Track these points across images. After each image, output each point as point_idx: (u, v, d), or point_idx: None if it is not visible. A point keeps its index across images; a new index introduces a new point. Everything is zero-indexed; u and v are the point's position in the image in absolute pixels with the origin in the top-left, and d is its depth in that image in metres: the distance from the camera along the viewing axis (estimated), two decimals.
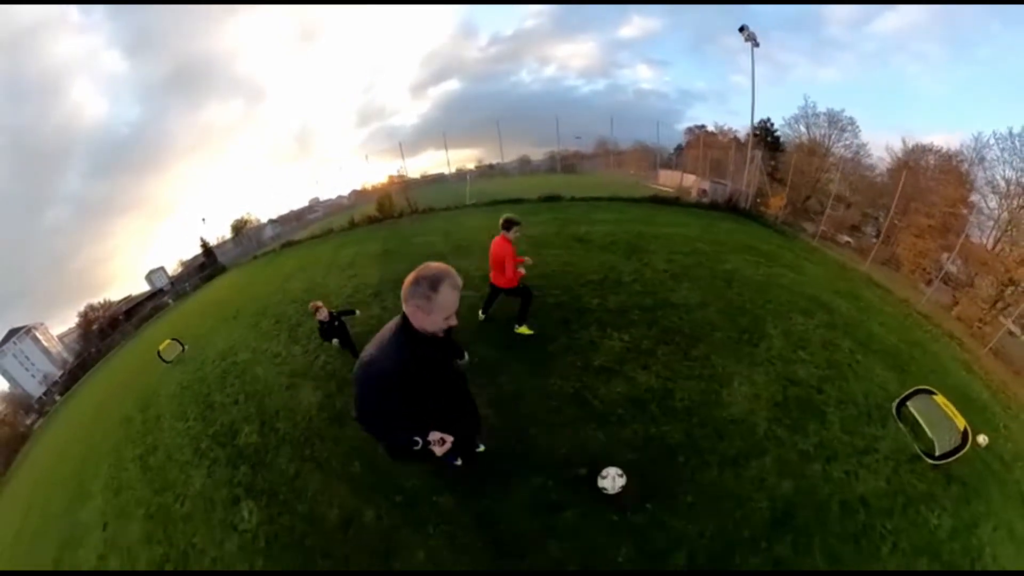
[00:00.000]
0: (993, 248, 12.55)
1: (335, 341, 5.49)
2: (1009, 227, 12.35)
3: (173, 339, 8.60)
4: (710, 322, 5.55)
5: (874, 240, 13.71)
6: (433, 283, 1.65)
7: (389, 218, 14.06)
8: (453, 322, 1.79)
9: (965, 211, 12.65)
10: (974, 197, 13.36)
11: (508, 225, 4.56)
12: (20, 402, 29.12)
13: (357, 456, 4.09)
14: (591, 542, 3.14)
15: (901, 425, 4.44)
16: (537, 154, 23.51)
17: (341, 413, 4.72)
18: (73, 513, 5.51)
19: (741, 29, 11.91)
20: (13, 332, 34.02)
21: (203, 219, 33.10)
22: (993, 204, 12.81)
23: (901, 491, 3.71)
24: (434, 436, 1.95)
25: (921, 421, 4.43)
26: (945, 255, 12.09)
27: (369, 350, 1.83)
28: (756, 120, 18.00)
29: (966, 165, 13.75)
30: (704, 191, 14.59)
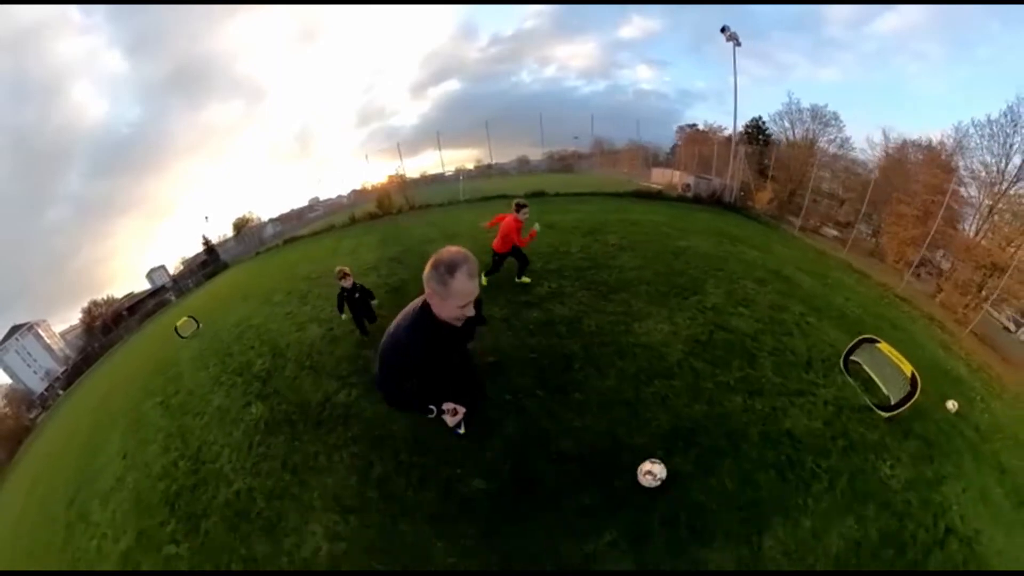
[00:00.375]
0: (976, 236, 12.48)
1: (344, 316, 5.81)
2: (991, 214, 12.27)
3: (189, 316, 9.03)
4: (642, 279, 6.12)
5: (860, 232, 13.88)
6: (450, 267, 1.60)
7: (388, 214, 14.59)
8: (470, 312, 1.73)
9: (943, 197, 12.67)
10: (956, 186, 13.26)
11: (518, 207, 5.52)
12: (22, 398, 29.39)
13: (348, 362, 5.13)
14: (479, 419, 3.54)
15: (850, 379, 4.58)
16: (536, 154, 23.82)
17: (337, 336, 5.80)
18: (92, 456, 6.06)
19: (723, 30, 12.44)
20: (15, 329, 34.31)
21: (206, 217, 33.41)
22: (974, 192, 12.78)
23: (843, 435, 3.81)
24: (448, 406, 2.03)
25: (872, 375, 4.52)
26: (927, 243, 12.22)
27: (394, 325, 1.88)
28: (749, 119, 18.55)
29: (947, 154, 13.76)
30: (688, 185, 15.06)
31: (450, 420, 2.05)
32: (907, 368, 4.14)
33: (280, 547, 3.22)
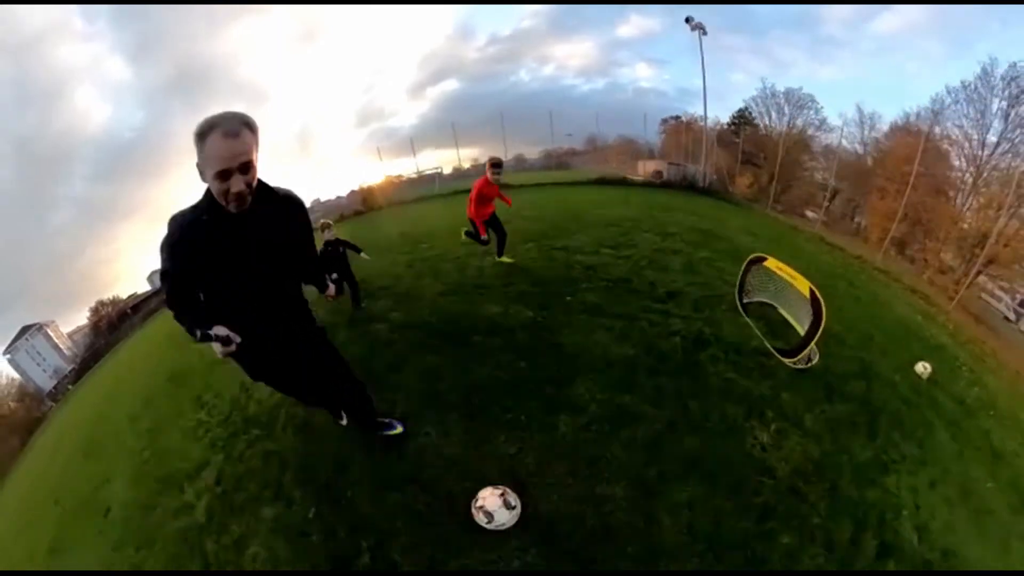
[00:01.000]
0: (963, 209, 11.69)
1: (333, 276, 5.03)
2: (975, 184, 11.36)
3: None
4: (560, 230, 6.78)
5: (856, 222, 13.60)
6: (202, 131, 1.33)
7: (371, 210, 15.85)
8: (234, 187, 1.42)
9: (922, 168, 12.07)
10: (942, 144, 12.48)
11: (491, 166, 5.42)
12: (32, 395, 30.58)
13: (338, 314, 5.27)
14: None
15: (749, 320, 3.92)
16: (533, 152, 24.36)
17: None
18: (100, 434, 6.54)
19: (687, 20, 13.07)
20: (26, 329, 35.48)
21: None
22: (957, 163, 11.92)
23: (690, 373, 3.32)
24: (219, 331, 1.59)
25: (786, 315, 3.78)
26: (899, 218, 11.56)
27: None
28: (736, 110, 19.17)
29: (926, 124, 13.11)
30: (659, 172, 15.74)
31: (218, 350, 1.64)
32: (803, 284, 3.25)
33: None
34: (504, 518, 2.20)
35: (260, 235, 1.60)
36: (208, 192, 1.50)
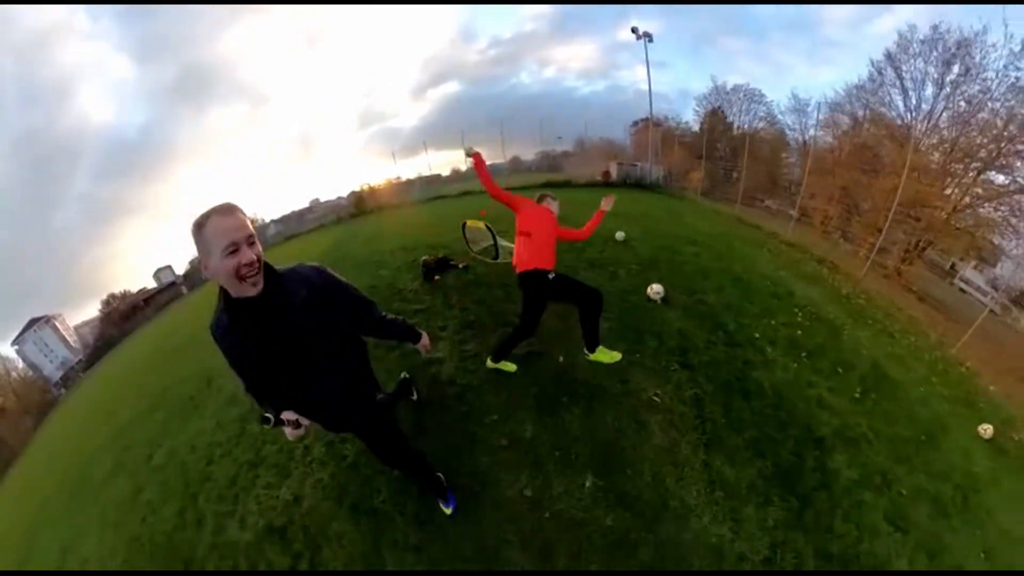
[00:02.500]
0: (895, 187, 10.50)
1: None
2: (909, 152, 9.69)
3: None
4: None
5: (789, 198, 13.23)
6: (199, 222, 1.34)
7: (363, 214, 17.80)
8: (245, 257, 1.36)
9: (860, 150, 11.90)
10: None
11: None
12: (39, 385, 32.10)
13: None
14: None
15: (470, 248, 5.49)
16: (528, 154, 24.98)
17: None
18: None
19: (633, 30, 14.56)
20: (34, 321, 37.05)
21: None
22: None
23: None
24: (288, 416, 1.63)
25: (491, 241, 4.95)
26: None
27: None
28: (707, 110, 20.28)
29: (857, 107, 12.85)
30: (607, 172, 16.53)
31: (289, 434, 1.66)
32: (480, 224, 5.06)
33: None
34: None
35: (283, 313, 1.53)
36: (222, 291, 1.47)
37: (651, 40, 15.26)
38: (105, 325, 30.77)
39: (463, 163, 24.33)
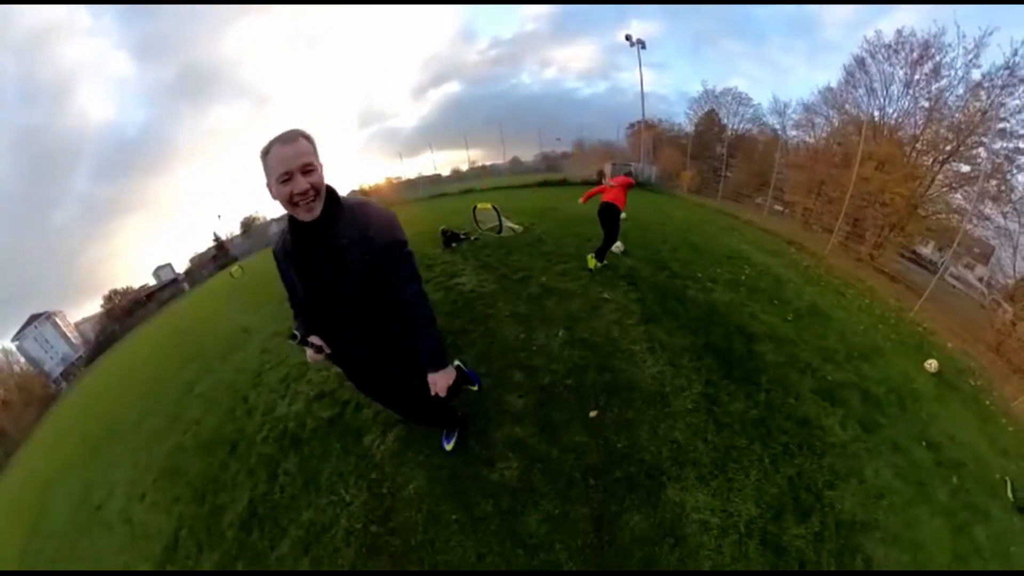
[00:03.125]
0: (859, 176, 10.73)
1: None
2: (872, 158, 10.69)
3: (239, 265, 11.65)
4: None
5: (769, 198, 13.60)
6: (264, 150, 1.44)
7: None
8: (297, 187, 1.42)
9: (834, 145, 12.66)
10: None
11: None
12: (40, 380, 32.32)
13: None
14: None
15: (478, 227, 7.05)
16: (527, 155, 24.98)
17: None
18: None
19: (627, 38, 15.30)
20: (35, 317, 37.30)
21: (219, 216, 36.83)
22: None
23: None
24: (314, 340, 1.69)
25: (496, 221, 6.84)
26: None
27: None
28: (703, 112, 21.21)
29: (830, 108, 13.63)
30: (601, 171, 17.63)
31: (310, 356, 1.69)
32: (487, 206, 6.98)
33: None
34: None
35: (334, 247, 1.53)
36: (288, 216, 1.52)
37: (644, 47, 16.08)
38: (107, 321, 31.10)
39: (463, 163, 25.41)
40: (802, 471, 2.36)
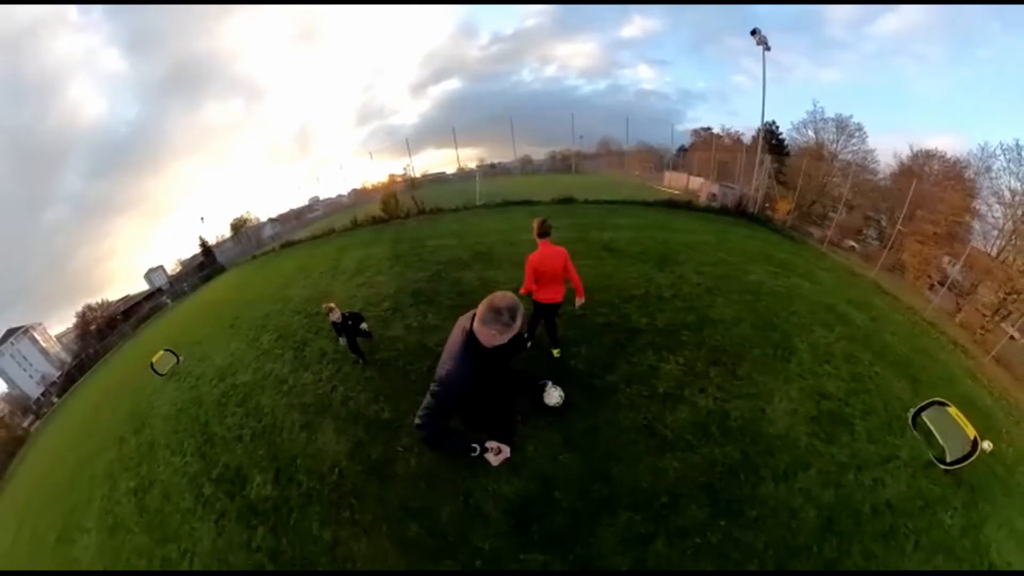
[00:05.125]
0: (997, 256, 12.66)
1: (342, 341, 5.70)
2: (1013, 236, 12.42)
3: (167, 350, 8.30)
4: (746, 339, 5.70)
5: (876, 243, 13.78)
6: (513, 314, 1.88)
7: (395, 218, 13.71)
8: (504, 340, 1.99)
9: (969, 219, 12.92)
10: (979, 205, 13.38)
11: (549, 230, 4.19)
12: (18, 402, 28.96)
13: (412, 518, 3.67)
14: (679, 566, 3.33)
15: (916, 434, 4.72)
16: (539, 153, 23.56)
17: (380, 464, 4.23)
18: (67, 546, 5.28)
19: (753, 32, 11.96)
20: (11, 332, 33.82)
21: (201, 218, 32.91)
22: (998, 214, 12.85)
23: (919, 495, 4.01)
24: (492, 445, 2.10)
25: (934, 431, 4.68)
26: (948, 259, 12.09)
27: (446, 367, 2.03)
28: (760, 123, 17.95)
29: (971, 173, 13.78)
30: (713, 195, 14.56)
31: (493, 460, 2.09)
32: (970, 432, 4.33)
33: None
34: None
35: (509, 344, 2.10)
36: (474, 345, 2.03)
37: (768, 48, 12.12)
38: (81, 343, 27.50)
39: (470, 161, 22.11)
40: None
